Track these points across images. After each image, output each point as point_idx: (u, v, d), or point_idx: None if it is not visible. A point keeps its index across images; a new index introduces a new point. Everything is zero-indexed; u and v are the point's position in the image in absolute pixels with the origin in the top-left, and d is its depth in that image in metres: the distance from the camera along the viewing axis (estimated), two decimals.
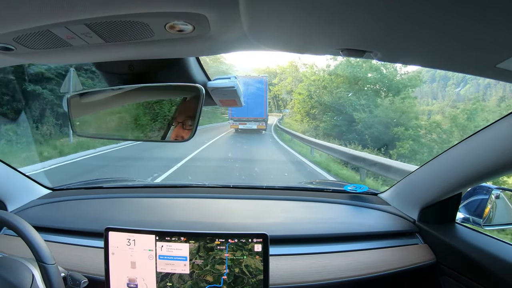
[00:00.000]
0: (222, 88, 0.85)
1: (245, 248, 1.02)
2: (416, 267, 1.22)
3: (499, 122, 0.93)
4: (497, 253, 1.07)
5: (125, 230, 1.06)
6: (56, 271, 0.92)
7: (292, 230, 1.33)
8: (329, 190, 1.70)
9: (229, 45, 0.65)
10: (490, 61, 0.53)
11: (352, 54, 0.57)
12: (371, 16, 0.43)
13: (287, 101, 31.83)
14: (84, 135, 0.87)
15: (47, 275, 0.90)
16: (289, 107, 28.34)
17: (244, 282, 1.02)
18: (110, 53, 0.69)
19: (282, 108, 32.40)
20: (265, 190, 1.70)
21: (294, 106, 19.98)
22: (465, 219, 1.28)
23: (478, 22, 0.41)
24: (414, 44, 0.52)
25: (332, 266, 1.17)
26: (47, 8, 0.48)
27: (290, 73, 31.29)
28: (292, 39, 0.57)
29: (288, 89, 30.77)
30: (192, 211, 1.47)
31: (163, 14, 0.50)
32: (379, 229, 1.37)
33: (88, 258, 1.17)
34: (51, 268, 0.91)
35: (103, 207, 1.52)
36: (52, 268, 0.91)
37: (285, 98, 32.38)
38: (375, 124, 11.93)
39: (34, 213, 1.44)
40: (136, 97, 0.79)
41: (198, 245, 1.03)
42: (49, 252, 0.93)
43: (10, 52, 0.65)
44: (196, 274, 1.02)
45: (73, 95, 0.84)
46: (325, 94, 15.44)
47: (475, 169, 1.03)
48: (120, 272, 1.05)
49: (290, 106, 27.70)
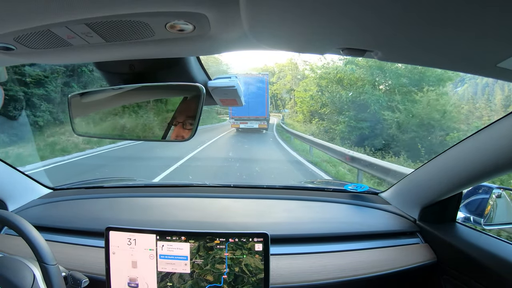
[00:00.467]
0: (223, 87, 0.85)
1: (244, 247, 1.02)
2: (417, 267, 1.22)
3: (500, 122, 0.93)
4: (498, 253, 1.07)
5: (125, 229, 1.06)
6: (57, 271, 0.92)
7: (293, 230, 1.33)
8: (329, 189, 1.70)
9: (229, 45, 0.65)
10: (491, 60, 0.53)
11: (353, 53, 0.57)
12: (371, 15, 0.43)
13: (285, 100, 30.76)
14: (85, 134, 0.87)
15: (48, 275, 0.90)
16: (289, 106, 27.19)
17: (245, 281, 1.02)
18: (110, 53, 0.69)
19: (281, 108, 31.28)
20: (265, 190, 1.70)
21: (296, 106, 18.74)
22: (465, 218, 1.28)
23: (478, 21, 0.41)
24: (415, 44, 0.52)
25: (333, 266, 1.17)
26: (47, 8, 0.48)
27: (289, 71, 30.41)
28: (292, 39, 0.57)
29: (288, 88, 29.85)
30: (193, 211, 1.47)
31: (164, 13, 0.50)
32: (379, 228, 1.37)
33: (89, 258, 1.18)
34: (52, 269, 0.91)
35: (104, 207, 1.52)
36: (53, 268, 0.91)
37: (284, 98, 31.56)
38: (412, 126, 9.37)
39: (34, 213, 1.44)
40: (137, 96, 0.79)
41: (198, 244, 1.03)
42: (51, 253, 0.93)
43: (11, 52, 0.65)
44: (197, 273, 1.02)
45: (74, 94, 0.84)
46: (340, 88, 12.44)
47: (476, 169, 1.03)
48: (121, 272, 1.05)
49: (290, 105, 26.54)
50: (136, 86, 0.78)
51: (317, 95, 14.28)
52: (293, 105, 23.85)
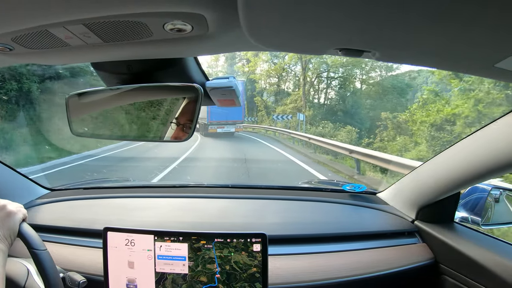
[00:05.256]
0: (221, 88, 0.85)
1: (230, 245, 1.03)
2: (415, 267, 1.22)
3: (498, 121, 0.93)
4: (496, 252, 1.07)
5: (124, 230, 1.05)
6: (48, 257, 0.92)
7: (291, 230, 1.33)
8: (327, 189, 1.70)
9: (228, 45, 0.65)
10: (489, 61, 0.53)
11: (350, 54, 0.57)
12: (369, 16, 0.44)
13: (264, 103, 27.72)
14: (82, 135, 0.87)
15: (39, 261, 0.90)
16: (283, 111, 23.69)
17: (237, 278, 1.02)
18: (108, 53, 0.68)
19: (264, 113, 27.16)
20: (263, 190, 1.70)
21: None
22: (463, 218, 1.29)
23: (476, 21, 0.41)
24: (412, 44, 0.52)
25: (331, 266, 1.17)
26: (45, 8, 0.48)
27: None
28: (290, 39, 0.57)
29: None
30: (191, 211, 1.47)
31: (162, 14, 0.50)
32: (377, 228, 1.37)
33: (87, 258, 1.17)
34: (43, 254, 0.91)
35: (102, 207, 1.51)
36: (44, 253, 0.92)
37: (270, 90, 28.28)
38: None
39: (33, 213, 1.44)
40: (135, 97, 0.79)
41: (187, 245, 1.03)
42: (40, 239, 0.93)
43: (9, 52, 0.65)
44: (189, 276, 1.02)
45: (72, 95, 0.84)
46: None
47: (474, 169, 1.03)
48: (119, 272, 1.05)
49: (290, 108, 23.39)
50: (134, 86, 0.78)
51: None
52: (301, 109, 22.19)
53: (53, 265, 0.92)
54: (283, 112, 23.25)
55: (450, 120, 9.93)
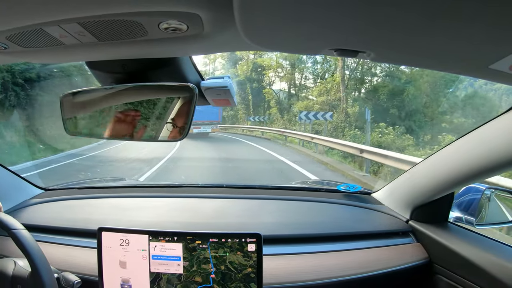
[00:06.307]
0: (216, 87, 0.85)
1: (225, 246, 1.03)
2: (410, 267, 1.23)
3: (492, 122, 0.94)
4: (490, 252, 1.08)
5: (118, 230, 1.05)
6: (27, 234, 0.93)
7: (285, 230, 1.34)
8: (322, 189, 1.71)
9: (223, 45, 0.65)
10: (483, 62, 0.54)
11: (346, 54, 0.57)
12: (364, 16, 0.44)
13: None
14: (77, 134, 0.86)
15: (18, 239, 0.90)
16: (306, 107, 17.98)
17: (232, 278, 1.02)
18: (103, 52, 0.68)
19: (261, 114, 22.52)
20: (258, 190, 1.70)
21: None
22: (457, 218, 1.29)
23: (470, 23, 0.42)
24: (407, 45, 0.53)
25: (325, 266, 1.17)
26: (40, 7, 0.47)
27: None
28: (285, 40, 0.57)
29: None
30: (186, 211, 1.47)
31: (157, 13, 0.49)
32: (372, 228, 1.38)
33: (82, 259, 1.17)
34: (21, 232, 0.92)
35: (96, 207, 1.51)
36: (22, 231, 0.92)
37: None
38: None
39: (26, 213, 1.43)
40: (129, 96, 0.78)
41: (182, 245, 1.03)
42: (15, 221, 0.94)
43: (3, 50, 0.64)
44: (184, 276, 1.02)
45: (66, 94, 0.84)
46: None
47: (468, 169, 1.04)
48: (114, 272, 1.04)
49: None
50: (128, 86, 0.77)
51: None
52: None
53: (34, 242, 0.92)
54: (307, 109, 17.37)
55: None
